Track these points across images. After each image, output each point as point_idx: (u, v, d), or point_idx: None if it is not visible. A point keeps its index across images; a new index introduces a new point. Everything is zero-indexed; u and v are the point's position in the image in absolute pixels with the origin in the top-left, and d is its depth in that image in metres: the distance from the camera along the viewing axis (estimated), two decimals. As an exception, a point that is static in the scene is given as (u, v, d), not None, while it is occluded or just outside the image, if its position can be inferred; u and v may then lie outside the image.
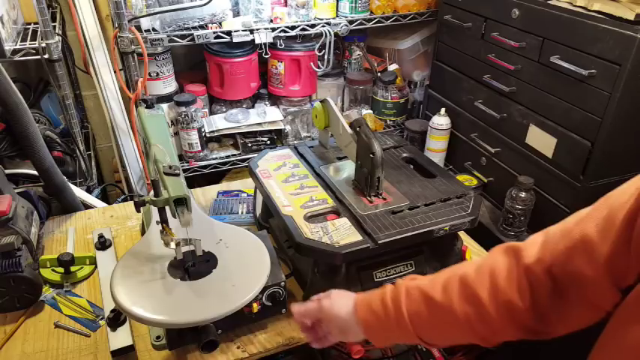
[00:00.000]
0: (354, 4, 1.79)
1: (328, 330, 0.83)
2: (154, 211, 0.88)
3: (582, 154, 1.24)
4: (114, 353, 0.90)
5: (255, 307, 0.92)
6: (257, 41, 1.70)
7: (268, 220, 1.22)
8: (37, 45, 1.39)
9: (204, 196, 1.43)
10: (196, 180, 1.86)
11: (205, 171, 1.83)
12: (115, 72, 1.65)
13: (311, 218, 1.02)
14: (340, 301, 0.81)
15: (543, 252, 0.65)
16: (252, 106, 1.95)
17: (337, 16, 1.83)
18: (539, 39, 1.31)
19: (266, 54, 1.80)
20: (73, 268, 1.09)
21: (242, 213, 1.32)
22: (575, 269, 0.60)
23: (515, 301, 0.66)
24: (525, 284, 0.65)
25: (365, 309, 0.78)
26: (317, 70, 1.89)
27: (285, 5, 1.75)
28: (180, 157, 1.82)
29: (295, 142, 1.93)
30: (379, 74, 1.99)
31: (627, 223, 0.54)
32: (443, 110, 1.72)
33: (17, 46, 1.38)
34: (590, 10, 1.19)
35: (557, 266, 0.63)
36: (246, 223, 1.28)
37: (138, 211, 0.87)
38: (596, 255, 0.58)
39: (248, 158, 1.83)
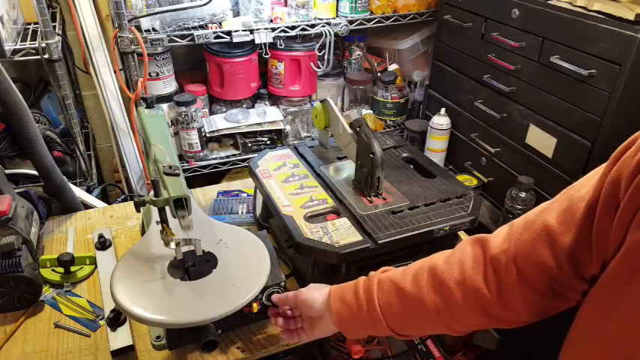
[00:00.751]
0: (354, 4, 1.79)
1: (302, 324, 0.87)
2: (154, 211, 0.88)
3: (582, 154, 1.24)
4: (114, 353, 0.90)
5: (255, 307, 0.92)
6: (257, 41, 1.70)
7: (268, 220, 1.22)
8: (37, 45, 1.39)
9: (204, 196, 1.43)
10: (196, 180, 1.86)
11: (205, 171, 1.83)
12: (115, 72, 1.65)
13: (311, 218, 1.02)
14: (316, 292, 0.84)
15: (508, 242, 0.66)
16: (252, 106, 1.95)
17: (337, 16, 1.83)
18: (539, 39, 1.31)
19: (266, 54, 1.80)
20: (73, 268, 1.09)
21: (242, 213, 1.32)
22: (538, 259, 0.62)
23: (482, 289, 0.67)
24: (491, 273, 0.67)
25: (338, 300, 0.80)
26: (317, 70, 1.89)
27: (285, 5, 1.75)
28: (180, 157, 1.82)
29: (295, 142, 1.93)
30: (379, 74, 1.99)
31: (587, 215, 0.56)
32: (443, 110, 1.72)
33: (17, 46, 1.38)
34: (590, 10, 1.19)
35: (521, 256, 0.64)
36: (246, 223, 1.28)
37: (138, 211, 0.87)
38: (558, 245, 0.60)
39: (248, 158, 1.83)
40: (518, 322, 0.69)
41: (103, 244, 1.16)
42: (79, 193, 1.40)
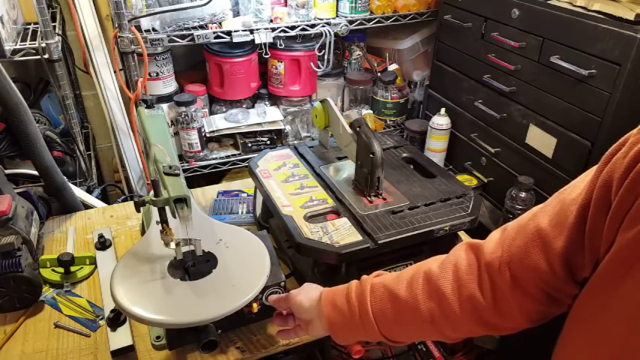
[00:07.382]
0: (354, 4, 1.79)
1: (298, 322, 0.86)
2: (154, 211, 0.88)
3: (582, 154, 1.24)
4: (114, 353, 0.90)
5: (255, 307, 0.92)
6: (257, 41, 1.70)
7: (268, 220, 1.22)
8: (37, 45, 1.39)
9: (204, 196, 1.43)
10: (196, 180, 1.86)
11: (205, 171, 1.83)
12: (115, 72, 1.65)
13: (311, 218, 1.02)
14: (305, 296, 0.82)
15: (501, 248, 0.66)
16: (252, 106, 1.95)
17: (337, 16, 1.82)
18: (539, 39, 1.31)
19: (266, 54, 1.80)
20: (73, 268, 1.09)
21: (242, 213, 1.32)
22: (531, 263, 0.61)
23: (477, 295, 0.67)
24: (486, 279, 0.67)
25: (329, 305, 0.78)
26: (317, 70, 1.89)
27: (285, 5, 1.75)
28: (180, 157, 1.82)
29: (295, 142, 1.93)
30: (379, 74, 1.99)
31: (580, 217, 0.56)
32: (443, 110, 1.72)
33: (17, 46, 1.38)
34: (590, 10, 1.19)
35: (515, 261, 0.64)
36: (246, 223, 1.28)
37: (138, 211, 0.87)
38: (551, 249, 0.59)
39: (248, 158, 1.83)
40: (513, 329, 0.68)
41: (103, 244, 1.16)
42: (79, 193, 1.40)
